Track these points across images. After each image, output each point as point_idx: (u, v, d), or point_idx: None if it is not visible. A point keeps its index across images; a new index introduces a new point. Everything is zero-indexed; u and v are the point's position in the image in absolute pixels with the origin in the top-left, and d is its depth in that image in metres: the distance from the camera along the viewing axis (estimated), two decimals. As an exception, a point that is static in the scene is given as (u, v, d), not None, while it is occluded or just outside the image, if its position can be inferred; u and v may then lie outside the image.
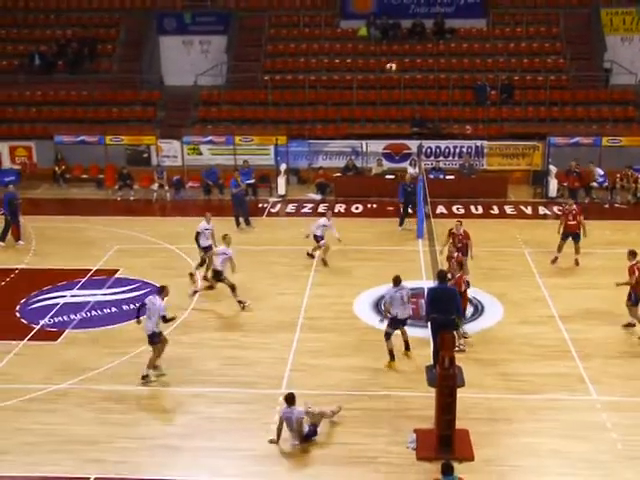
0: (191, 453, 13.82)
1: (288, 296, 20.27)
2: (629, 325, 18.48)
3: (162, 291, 16.76)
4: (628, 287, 18.17)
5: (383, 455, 13.66)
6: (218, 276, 19.65)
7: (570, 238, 22.25)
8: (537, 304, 19.82)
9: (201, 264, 21.51)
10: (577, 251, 22.24)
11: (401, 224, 25.67)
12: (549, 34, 36.29)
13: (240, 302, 19.50)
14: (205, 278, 21.11)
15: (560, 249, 22.32)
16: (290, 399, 14.04)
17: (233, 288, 19.48)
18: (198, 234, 21.40)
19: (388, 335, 16.64)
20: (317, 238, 22.50)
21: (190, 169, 31.95)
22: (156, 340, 16.24)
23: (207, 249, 21.24)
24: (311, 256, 22.72)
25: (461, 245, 20.44)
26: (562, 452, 13.73)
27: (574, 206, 22.45)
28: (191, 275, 21.69)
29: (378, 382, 16.11)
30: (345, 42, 36.63)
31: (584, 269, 22.04)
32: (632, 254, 18.34)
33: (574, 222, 22.09)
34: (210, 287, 20.22)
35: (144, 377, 16.15)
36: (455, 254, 18.56)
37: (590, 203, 28.89)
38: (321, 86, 34.73)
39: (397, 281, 16.64)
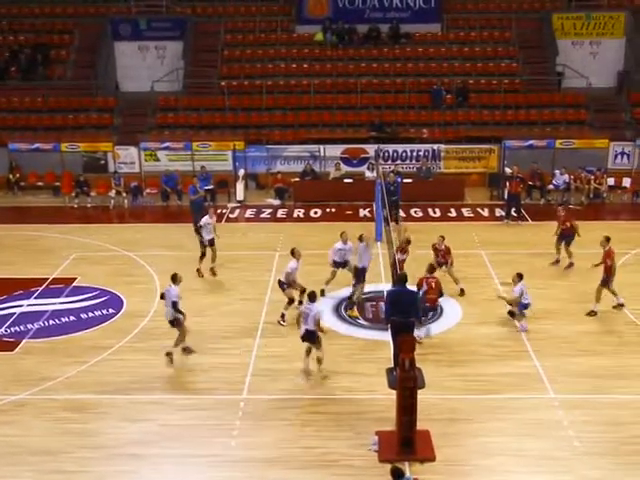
0: (152, 461, 13.73)
1: (248, 301, 20.23)
2: (619, 306, 19.52)
3: (175, 279, 17.19)
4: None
5: (345, 458, 13.69)
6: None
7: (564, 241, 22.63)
8: (495, 305, 19.94)
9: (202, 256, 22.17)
10: (568, 253, 22.55)
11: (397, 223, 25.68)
12: (502, 38, 36.72)
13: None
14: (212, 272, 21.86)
15: (558, 250, 22.69)
16: (312, 296, 16.18)
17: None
18: (200, 227, 22.13)
19: None
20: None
21: (148, 175, 31.78)
22: (176, 324, 16.99)
23: (210, 242, 22.06)
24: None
25: (443, 260, 20.90)
26: (522, 450, 13.88)
27: (562, 213, 22.78)
28: (198, 271, 22.09)
29: (339, 385, 16.15)
30: (301, 47, 36.69)
31: (539, 270, 22.29)
32: (607, 240, 19.57)
33: (564, 226, 22.44)
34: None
35: (168, 354, 16.87)
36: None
37: (545, 205, 29.30)
38: (278, 91, 34.75)
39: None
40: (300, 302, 19.18)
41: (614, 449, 13.93)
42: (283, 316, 19.03)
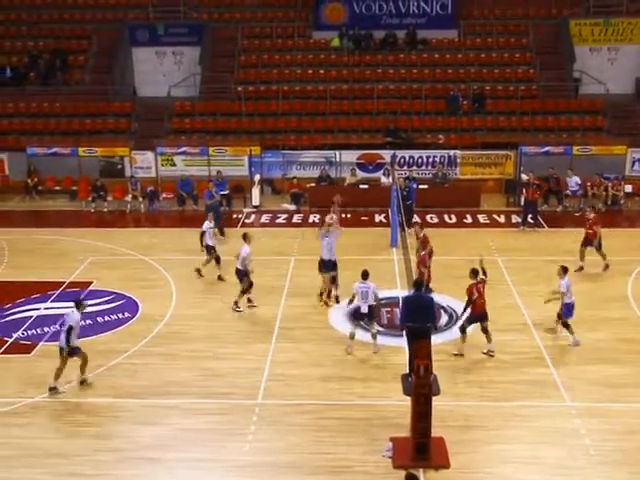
0: (167, 465, 13.74)
1: (263, 306, 20.24)
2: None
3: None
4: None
5: (359, 464, 13.65)
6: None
7: (590, 246, 22.45)
8: (511, 311, 19.94)
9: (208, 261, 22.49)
10: (602, 256, 22.39)
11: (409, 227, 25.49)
12: (519, 45, 36.63)
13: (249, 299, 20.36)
14: (219, 278, 22.15)
15: (582, 257, 22.43)
16: (365, 274, 17.45)
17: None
18: (203, 233, 22.41)
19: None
20: None
21: (164, 180, 31.88)
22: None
23: (212, 249, 22.43)
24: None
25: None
26: (537, 458, 13.80)
27: (591, 215, 22.61)
28: (198, 271, 22.40)
29: (354, 391, 16.12)
30: (318, 53, 36.75)
31: (555, 276, 22.12)
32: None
33: (591, 231, 22.29)
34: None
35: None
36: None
37: (562, 211, 29.19)
38: (294, 96, 34.81)
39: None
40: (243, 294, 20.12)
41: (631, 458, 13.80)
42: (236, 303, 20.01)
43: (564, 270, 18.35)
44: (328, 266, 20.38)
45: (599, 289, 21.23)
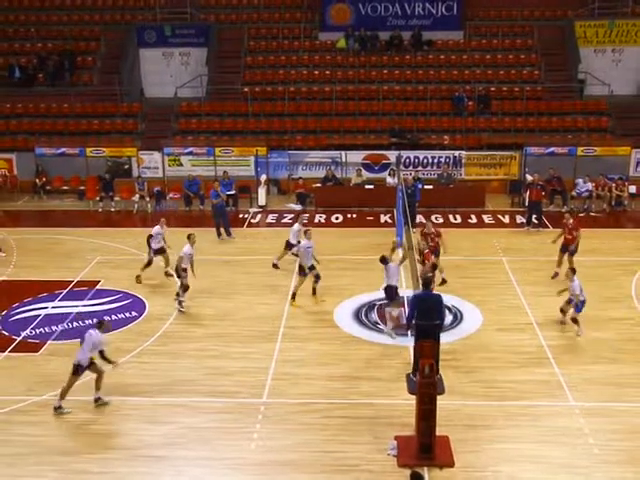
0: (173, 463, 13.76)
1: (269, 306, 20.26)
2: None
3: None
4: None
5: (364, 462, 13.66)
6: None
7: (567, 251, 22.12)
8: (515, 311, 19.94)
9: (147, 265, 22.26)
10: (569, 262, 21.79)
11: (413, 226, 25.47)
12: (524, 46, 36.62)
13: (180, 301, 20.10)
14: (167, 274, 22.16)
15: (559, 263, 22.14)
16: (384, 259, 18.48)
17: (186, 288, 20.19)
18: (150, 237, 22.18)
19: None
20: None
21: (171, 180, 31.92)
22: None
23: (158, 251, 22.25)
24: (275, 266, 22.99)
25: (433, 244, 21.17)
26: (541, 457, 13.79)
27: (570, 220, 22.24)
28: (137, 277, 22.23)
29: (359, 390, 16.12)
30: (324, 54, 36.79)
31: (560, 277, 22.15)
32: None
33: (570, 236, 21.99)
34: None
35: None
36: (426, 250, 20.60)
37: (567, 212, 29.13)
38: (300, 97, 34.86)
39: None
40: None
41: (635, 458, 13.78)
42: (180, 303, 20.00)
43: (573, 272, 18.37)
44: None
45: (603, 289, 21.18)
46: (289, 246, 22.75)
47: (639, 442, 14.22)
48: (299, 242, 21.85)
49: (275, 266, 22.80)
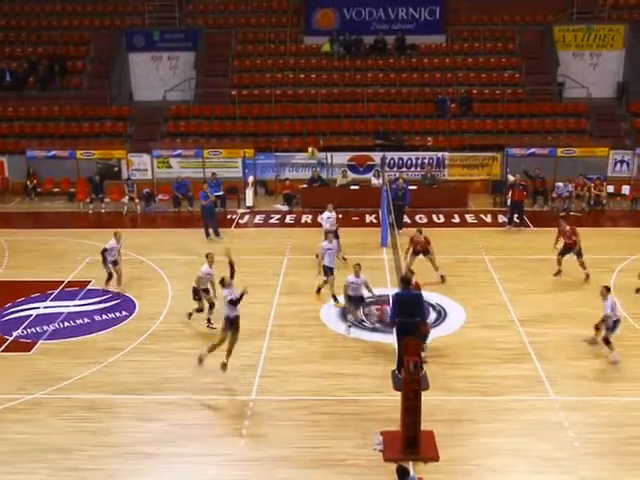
0: (164, 459, 13.72)
1: (257, 305, 20.14)
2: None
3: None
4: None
5: (351, 457, 13.67)
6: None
7: (571, 253, 21.97)
8: (498, 309, 19.99)
9: (109, 278, 21.44)
10: (582, 266, 21.81)
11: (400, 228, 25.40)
12: (505, 49, 36.72)
13: (209, 320, 19.05)
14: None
15: (560, 263, 22.04)
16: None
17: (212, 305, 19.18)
18: (105, 250, 21.23)
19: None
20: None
21: (160, 182, 31.85)
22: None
23: (114, 264, 21.27)
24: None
25: (421, 248, 21.45)
26: (523, 451, 13.84)
27: (567, 227, 22.08)
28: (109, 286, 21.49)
29: (345, 387, 16.12)
30: (309, 58, 36.79)
31: (541, 275, 22.26)
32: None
33: (570, 241, 21.86)
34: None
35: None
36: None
37: (548, 211, 29.31)
38: (287, 100, 34.82)
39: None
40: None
41: (614, 450, 13.87)
42: (209, 320, 19.10)
43: (607, 290, 17.22)
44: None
45: (583, 287, 21.29)
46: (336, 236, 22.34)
47: (618, 435, 14.30)
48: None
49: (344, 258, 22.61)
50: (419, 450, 13.61)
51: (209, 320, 18.84)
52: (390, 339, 17.10)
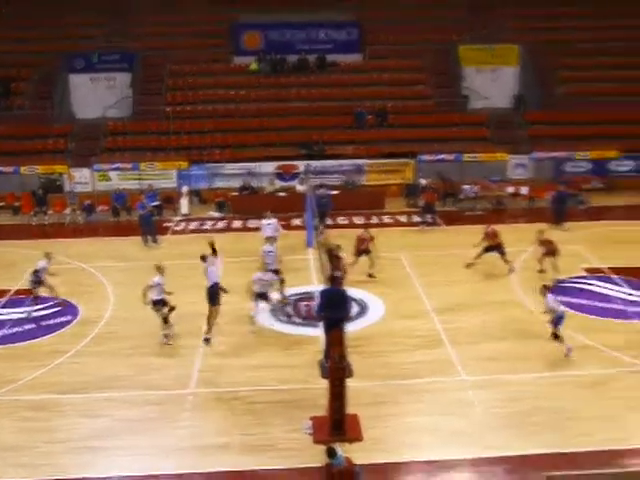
0: (109, 452, 13.50)
1: (196, 305, 19.88)
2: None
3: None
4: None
5: (284, 442, 13.69)
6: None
7: (493, 252, 22.10)
8: (413, 301, 20.22)
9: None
10: (505, 262, 22.10)
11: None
12: (416, 66, 37.14)
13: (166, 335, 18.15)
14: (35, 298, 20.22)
15: (479, 257, 22.11)
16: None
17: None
18: (37, 271, 20.18)
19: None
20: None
21: (100, 194, 31.28)
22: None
23: (38, 284, 20.14)
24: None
25: (364, 247, 21.75)
26: (438, 427, 14.06)
27: (490, 228, 22.31)
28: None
29: (277, 377, 16.11)
30: (238, 76, 36.62)
31: (452, 268, 22.58)
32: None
33: (494, 242, 22.01)
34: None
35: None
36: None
37: (456, 211, 29.78)
38: (218, 115, 34.59)
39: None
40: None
41: (516, 422, 14.19)
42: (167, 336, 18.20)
43: (546, 288, 17.27)
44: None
45: (487, 277, 21.74)
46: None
47: (519, 408, 14.66)
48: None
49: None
50: (345, 432, 13.67)
51: (166, 336, 18.00)
52: (317, 332, 17.13)
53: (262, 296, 18.84)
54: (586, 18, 38.35)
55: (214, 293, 17.70)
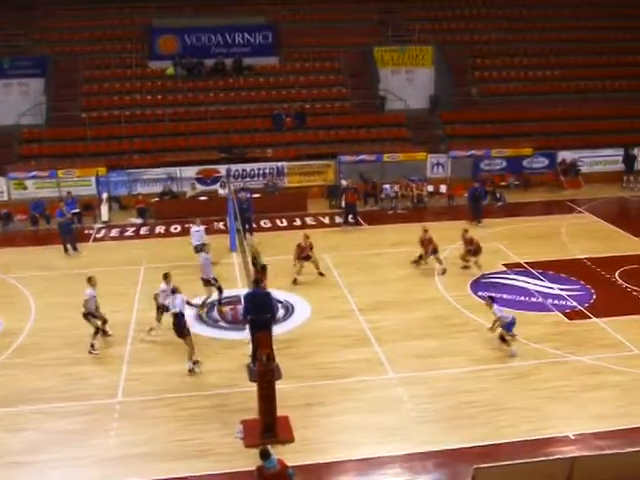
0: (35, 467, 13.15)
1: (119, 312, 19.57)
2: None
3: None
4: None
5: (215, 447, 13.60)
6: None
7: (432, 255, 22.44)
8: (338, 300, 20.35)
9: None
10: (438, 261, 22.38)
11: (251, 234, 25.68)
12: (332, 68, 37.39)
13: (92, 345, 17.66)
14: None
15: (421, 258, 22.57)
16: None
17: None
18: None
19: None
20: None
21: (17, 203, 30.30)
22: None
23: None
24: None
25: (305, 255, 21.78)
26: (369, 425, 14.20)
27: (427, 234, 22.43)
28: None
29: (205, 383, 16.00)
30: (155, 80, 36.07)
31: (374, 267, 22.83)
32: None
33: (428, 247, 22.27)
34: None
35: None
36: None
37: (378, 210, 30.09)
38: (135, 120, 34.01)
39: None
40: None
41: (444, 416, 14.49)
42: (93, 345, 17.65)
43: (492, 299, 17.62)
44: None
45: (411, 275, 22.05)
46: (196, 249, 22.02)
47: (447, 402, 14.96)
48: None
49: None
50: (276, 434, 13.69)
51: (92, 346, 17.56)
52: (243, 335, 17.07)
53: (165, 308, 18.19)
54: (497, 20, 39.42)
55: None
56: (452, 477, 12.85)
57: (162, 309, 17.98)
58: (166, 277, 18.10)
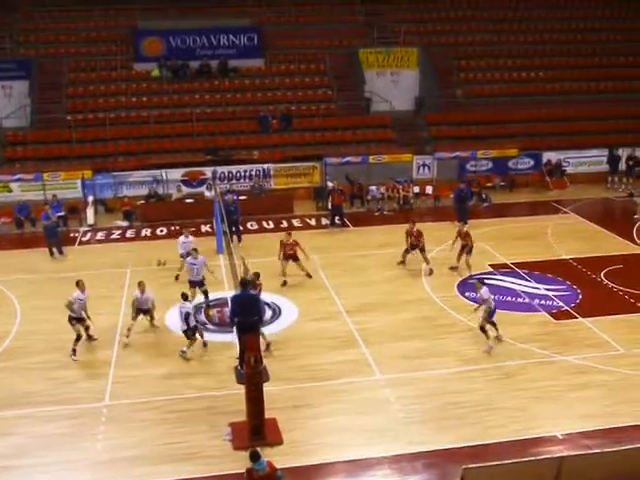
0: (23, 471, 13.09)
1: (105, 316, 19.49)
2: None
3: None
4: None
5: (204, 450, 13.58)
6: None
7: (416, 250, 22.53)
8: (326, 302, 20.37)
9: None
10: (425, 261, 22.47)
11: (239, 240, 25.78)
12: (318, 70, 37.44)
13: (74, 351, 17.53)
14: None
15: (404, 256, 22.70)
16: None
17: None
18: None
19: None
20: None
21: (2, 206, 30.11)
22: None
23: None
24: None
25: (292, 252, 21.75)
26: (356, 426, 14.23)
27: (415, 229, 22.52)
28: None
29: (193, 385, 15.97)
30: (140, 82, 35.99)
31: (361, 268, 22.87)
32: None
33: (417, 241, 22.34)
34: None
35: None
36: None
37: (365, 212, 30.14)
38: (121, 123, 33.91)
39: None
40: None
41: (431, 416, 14.54)
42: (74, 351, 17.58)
43: (482, 283, 17.95)
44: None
45: (397, 276, 22.10)
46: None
47: (434, 403, 15.01)
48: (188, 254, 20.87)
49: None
50: (264, 436, 13.69)
51: (74, 351, 17.36)
52: (230, 338, 17.05)
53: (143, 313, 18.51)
54: (482, 21, 39.65)
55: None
56: (441, 477, 12.91)
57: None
58: (140, 285, 18.27)
